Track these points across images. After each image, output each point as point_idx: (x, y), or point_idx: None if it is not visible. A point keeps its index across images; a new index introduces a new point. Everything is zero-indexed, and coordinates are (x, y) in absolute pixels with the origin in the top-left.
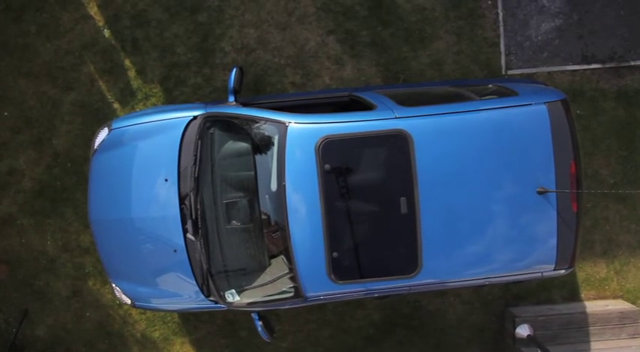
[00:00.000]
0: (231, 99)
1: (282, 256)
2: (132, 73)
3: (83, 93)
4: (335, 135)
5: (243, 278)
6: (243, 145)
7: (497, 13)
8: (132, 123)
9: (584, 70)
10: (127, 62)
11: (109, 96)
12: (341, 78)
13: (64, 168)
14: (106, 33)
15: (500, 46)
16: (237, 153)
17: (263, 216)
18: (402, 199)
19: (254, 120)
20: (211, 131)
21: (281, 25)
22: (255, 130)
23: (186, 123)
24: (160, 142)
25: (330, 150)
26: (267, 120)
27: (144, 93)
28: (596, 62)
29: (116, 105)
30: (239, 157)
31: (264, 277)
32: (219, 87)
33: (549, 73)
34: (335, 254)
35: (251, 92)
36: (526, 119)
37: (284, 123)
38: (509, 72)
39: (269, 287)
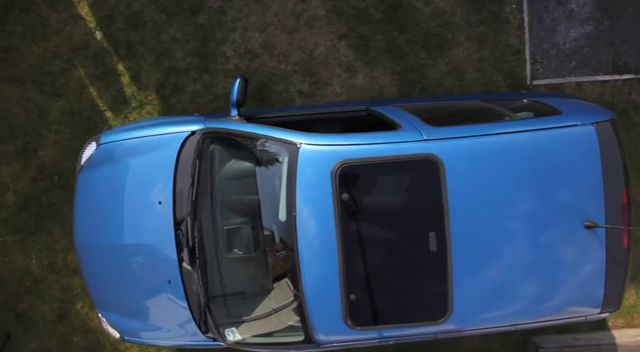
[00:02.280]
0: (234, 113)
1: (287, 280)
2: (125, 79)
3: (72, 100)
4: (354, 160)
5: (244, 310)
6: (248, 165)
7: (522, 18)
8: (122, 137)
9: (616, 80)
10: (121, 67)
11: (101, 104)
12: (353, 86)
13: (50, 182)
14: (98, 35)
15: (525, 54)
16: (241, 174)
17: (268, 247)
18: (431, 234)
19: (260, 138)
20: (211, 149)
21: (288, 29)
22: (262, 150)
23: (182, 139)
24: (153, 160)
25: (349, 176)
26: (275, 139)
27: (138, 100)
28: (628, 72)
29: (108, 114)
30: (242, 179)
31: (268, 304)
32: (220, 95)
33: (578, 83)
34: (352, 296)
35: (255, 101)
36: (572, 142)
37: (295, 144)
38: (535, 82)
39: (273, 319)
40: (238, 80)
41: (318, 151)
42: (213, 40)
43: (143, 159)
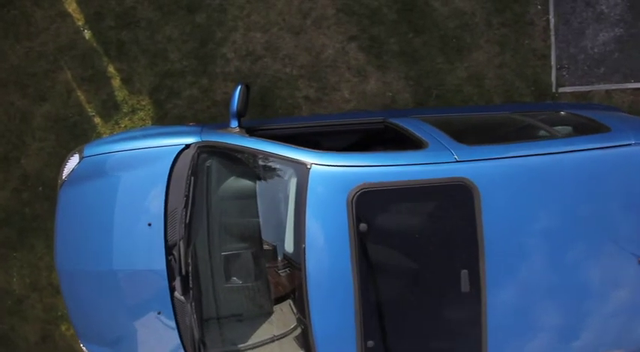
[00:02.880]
0: (234, 124)
1: (290, 302)
2: (116, 82)
3: (58, 104)
4: (375, 185)
5: (241, 336)
6: (249, 184)
7: (547, 20)
8: (108, 150)
9: None
10: (111, 69)
11: (89, 109)
12: (363, 92)
13: (34, 193)
14: (87, 34)
15: (551, 59)
16: (241, 194)
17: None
18: (464, 272)
19: (264, 156)
20: (207, 165)
21: (294, 29)
22: (265, 168)
23: (175, 153)
24: (142, 176)
25: (368, 204)
26: (281, 158)
27: (130, 106)
28: None
29: (97, 120)
30: (243, 199)
31: (268, 329)
32: (220, 100)
33: (607, 91)
34: (370, 343)
35: (257, 107)
36: (625, 164)
37: (304, 165)
38: (561, 89)
39: (275, 347)
40: (239, 88)
41: (331, 173)
42: (212, 40)
43: (131, 174)
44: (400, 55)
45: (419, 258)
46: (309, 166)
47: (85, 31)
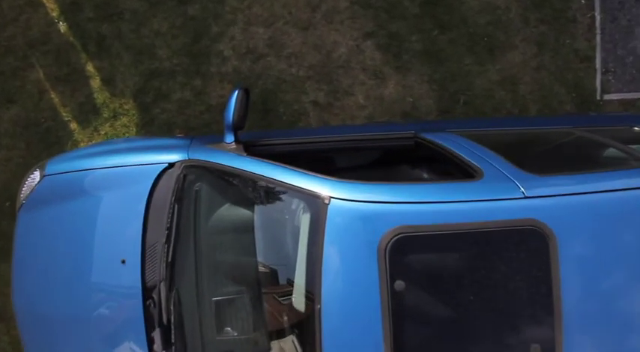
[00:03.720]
0: (230, 139)
1: (293, 339)
2: (96, 83)
3: (29, 107)
4: (415, 228)
5: None
6: (247, 215)
7: (592, 17)
8: (75, 167)
9: None
10: (90, 67)
11: (64, 114)
12: (380, 97)
13: (0, 209)
14: (62, 27)
15: (595, 62)
16: (238, 226)
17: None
18: (534, 347)
19: (267, 182)
20: (196, 188)
21: (301, 24)
22: (268, 197)
23: (156, 173)
24: (115, 202)
25: (407, 254)
26: (289, 187)
27: (111, 110)
28: None
29: (73, 126)
30: (240, 233)
31: None
32: (215, 105)
33: None
34: None
35: (258, 113)
36: None
37: (321, 198)
38: (606, 96)
39: None
40: (236, 93)
41: (357, 211)
42: (207, 35)
43: (101, 199)
44: (423, 54)
45: (474, 328)
46: (327, 201)
47: (60, 23)
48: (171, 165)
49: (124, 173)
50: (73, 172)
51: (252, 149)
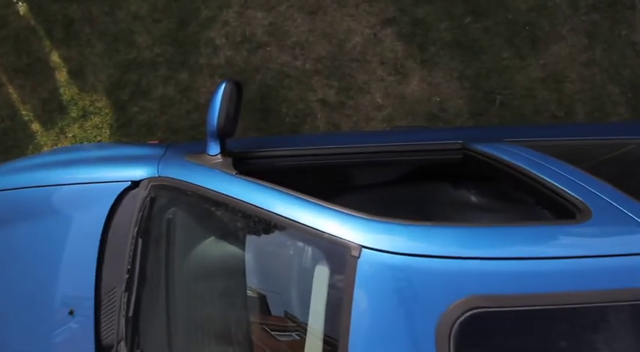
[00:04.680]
0: (214, 150)
1: None
2: (62, 76)
3: None
4: (497, 300)
5: None
6: (236, 253)
7: None
8: (12, 184)
9: None
10: (55, 57)
11: (24, 112)
12: (401, 96)
13: None
14: (21, 8)
15: None
16: (223, 269)
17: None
18: None
19: (264, 217)
20: (168, 216)
21: (309, 7)
22: (267, 234)
23: (115, 195)
24: (61, 232)
25: (482, 340)
26: (298, 227)
27: (81, 108)
28: None
29: (35, 127)
30: (226, 277)
31: None
32: (204, 103)
33: None
34: None
35: (256, 113)
36: None
37: (348, 249)
38: None
39: None
40: (223, 87)
41: (403, 270)
42: (195, 20)
43: (44, 227)
44: (453, 46)
45: None
46: (356, 252)
47: (20, 3)
48: (135, 183)
49: (74, 193)
50: (10, 190)
51: (244, 163)
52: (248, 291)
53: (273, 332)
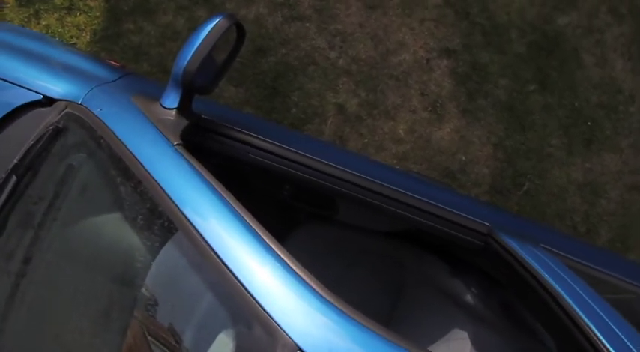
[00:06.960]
0: (171, 102)
1: None
2: None
3: None
4: None
5: None
6: (128, 248)
7: None
8: None
9: None
10: None
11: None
12: (427, 138)
13: None
14: None
15: None
16: (103, 259)
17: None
18: None
19: (173, 218)
20: (71, 162)
21: (371, 1)
22: (166, 235)
23: (17, 104)
24: None
25: None
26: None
27: (68, 2)
28: None
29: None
30: (103, 271)
31: None
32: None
33: None
34: None
35: (262, 90)
36: None
37: None
38: None
39: None
40: (215, 22)
41: None
42: None
43: None
44: (504, 108)
45: None
46: None
47: None
48: (48, 100)
49: None
50: None
51: (201, 135)
52: (123, 293)
53: (148, 339)
